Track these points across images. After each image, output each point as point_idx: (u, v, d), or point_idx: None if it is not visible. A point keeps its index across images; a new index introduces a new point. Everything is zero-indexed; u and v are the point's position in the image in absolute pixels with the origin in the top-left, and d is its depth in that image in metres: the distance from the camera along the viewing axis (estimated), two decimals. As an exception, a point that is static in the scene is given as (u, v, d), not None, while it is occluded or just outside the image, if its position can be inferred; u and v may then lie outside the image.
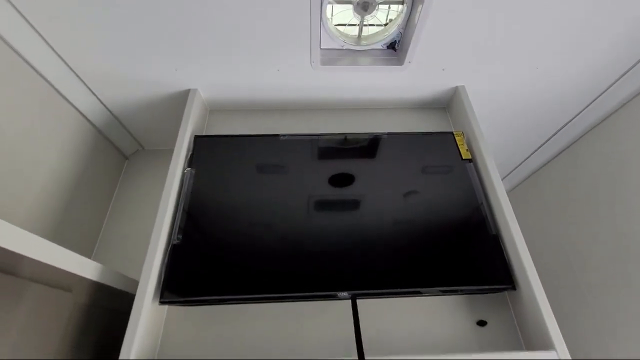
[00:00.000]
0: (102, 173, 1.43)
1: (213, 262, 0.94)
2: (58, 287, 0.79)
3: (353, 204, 1.07)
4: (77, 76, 1.19)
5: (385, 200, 1.07)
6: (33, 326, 0.72)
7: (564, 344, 0.82)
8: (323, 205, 1.06)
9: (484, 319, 0.97)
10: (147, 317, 0.83)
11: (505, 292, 1.00)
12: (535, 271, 0.91)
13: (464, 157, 1.16)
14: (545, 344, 0.84)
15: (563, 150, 1.65)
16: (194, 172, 1.08)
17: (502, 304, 1.00)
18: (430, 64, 1.21)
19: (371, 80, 1.28)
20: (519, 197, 2.03)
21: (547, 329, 0.84)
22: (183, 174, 1.07)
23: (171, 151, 1.08)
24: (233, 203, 1.04)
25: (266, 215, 1.02)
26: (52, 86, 1.13)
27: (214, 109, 1.39)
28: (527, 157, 1.86)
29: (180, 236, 0.95)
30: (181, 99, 1.27)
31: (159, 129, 1.49)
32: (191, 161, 1.11)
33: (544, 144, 1.72)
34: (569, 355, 0.81)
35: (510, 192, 2.07)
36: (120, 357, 0.78)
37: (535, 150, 1.79)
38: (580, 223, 1.53)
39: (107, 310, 0.99)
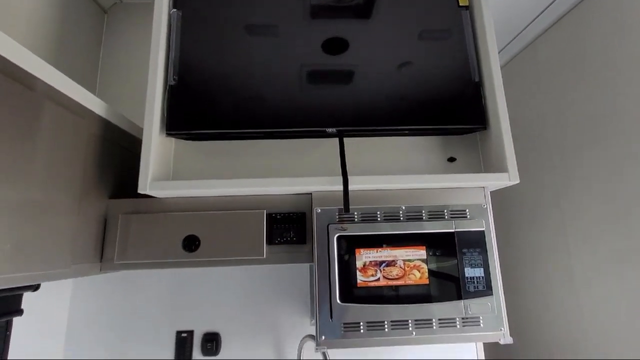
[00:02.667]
0: (83, 27, 1.36)
1: (210, 100, 1.01)
2: (72, 111, 0.86)
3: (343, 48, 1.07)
4: None
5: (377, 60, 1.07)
6: (56, 144, 0.82)
7: (516, 169, 0.97)
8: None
9: (454, 156, 1.11)
10: (157, 146, 0.94)
11: (477, 133, 1.12)
12: (507, 113, 1.01)
13: (460, 4, 1.12)
14: (501, 169, 0.99)
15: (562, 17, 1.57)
16: (180, 13, 1.04)
17: (472, 143, 1.12)
18: None
19: None
20: (515, 70, 2.02)
21: (505, 157, 0.98)
22: (169, 16, 1.04)
23: (149, 4, 1.02)
24: (225, 43, 1.04)
25: (261, 54, 1.04)
26: None
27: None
28: (526, 26, 1.78)
29: (176, 77, 0.99)
30: None
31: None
32: (176, 2, 1.06)
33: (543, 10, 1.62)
34: (518, 179, 0.98)
35: (506, 66, 2.05)
36: (139, 179, 0.91)
37: (535, 19, 1.69)
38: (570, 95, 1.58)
39: (119, 147, 1.10)
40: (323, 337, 0.93)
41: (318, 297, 0.94)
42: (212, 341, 1.23)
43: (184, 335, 1.23)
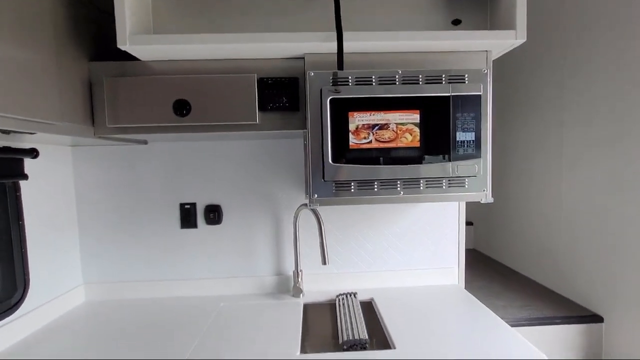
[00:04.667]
0: None
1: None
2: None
3: None
4: None
5: None
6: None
7: (525, 26, 0.90)
8: None
9: (459, 18, 1.02)
10: (131, -5, 0.85)
11: (488, -11, 1.01)
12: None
13: None
14: (509, 26, 0.92)
15: None
16: None
17: (480, 5, 1.02)
18: None
19: None
20: None
21: (515, 13, 0.90)
22: None
23: None
24: None
25: None
26: None
27: None
28: None
29: None
30: None
31: None
32: None
33: None
34: (525, 36, 0.91)
35: None
36: (117, 33, 0.85)
37: None
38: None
39: (93, 8, 1.00)
40: (315, 196, 0.99)
41: (311, 158, 0.97)
42: (214, 212, 1.32)
43: (187, 207, 1.32)
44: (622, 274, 1.47)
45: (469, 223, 2.84)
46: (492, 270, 2.27)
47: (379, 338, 1.10)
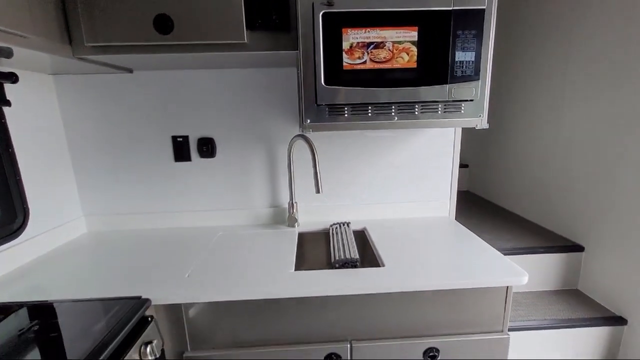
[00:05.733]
0: None
1: None
2: None
3: None
4: None
5: None
6: None
7: None
8: None
9: None
10: None
11: None
12: None
13: None
14: None
15: None
16: None
17: None
18: None
19: None
20: None
21: None
22: None
23: None
24: None
25: None
26: None
27: None
28: None
29: None
30: None
31: None
32: None
33: None
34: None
35: None
36: None
37: None
38: None
39: None
40: (308, 121, 0.97)
41: (303, 81, 0.93)
42: (207, 145, 1.31)
43: (179, 139, 1.30)
44: (607, 207, 1.52)
45: (464, 165, 2.86)
46: (484, 210, 2.33)
47: (370, 260, 1.16)
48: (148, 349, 0.75)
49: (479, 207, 2.41)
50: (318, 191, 1.14)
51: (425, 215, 1.41)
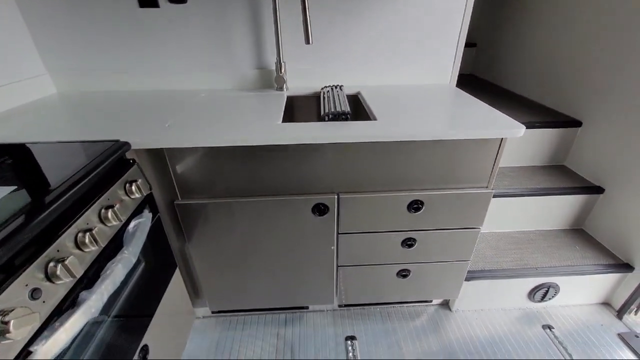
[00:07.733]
0: None
1: None
2: None
3: None
4: None
5: None
6: None
7: None
8: None
9: None
10: None
11: None
12: None
13: None
14: None
15: None
16: None
17: None
18: None
19: None
20: None
21: None
22: None
23: None
24: None
25: None
26: None
27: None
28: None
29: None
30: None
31: None
32: None
33: None
34: None
35: None
36: None
37: None
38: None
39: None
40: None
41: None
42: (175, -14, 1.09)
43: (141, -22, 1.08)
44: (609, 82, 1.41)
45: (471, 44, 2.61)
46: (487, 91, 2.21)
47: (363, 116, 1.11)
48: (133, 187, 0.75)
49: (482, 88, 2.28)
50: (308, 42, 1.01)
51: (426, 82, 1.31)
